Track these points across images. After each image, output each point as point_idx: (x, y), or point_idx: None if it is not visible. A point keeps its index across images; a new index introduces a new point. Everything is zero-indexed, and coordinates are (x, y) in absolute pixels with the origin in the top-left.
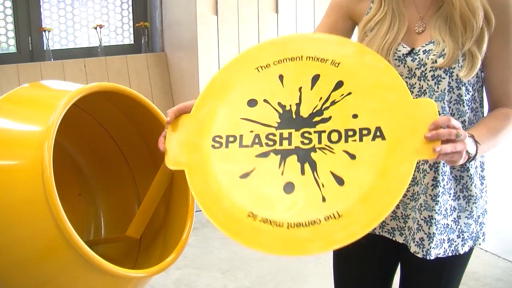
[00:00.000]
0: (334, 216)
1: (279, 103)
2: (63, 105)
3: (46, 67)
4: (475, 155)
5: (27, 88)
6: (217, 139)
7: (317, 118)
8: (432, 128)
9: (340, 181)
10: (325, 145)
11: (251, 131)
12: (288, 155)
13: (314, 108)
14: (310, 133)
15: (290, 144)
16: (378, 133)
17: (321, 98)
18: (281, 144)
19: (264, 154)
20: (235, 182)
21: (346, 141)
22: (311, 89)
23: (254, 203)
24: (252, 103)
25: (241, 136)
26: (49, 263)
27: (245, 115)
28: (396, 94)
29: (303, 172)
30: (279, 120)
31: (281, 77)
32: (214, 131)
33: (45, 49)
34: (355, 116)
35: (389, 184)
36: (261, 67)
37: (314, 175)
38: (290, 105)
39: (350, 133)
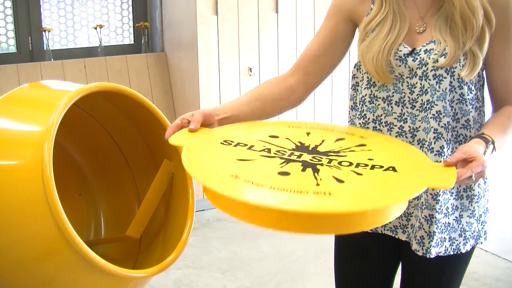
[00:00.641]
0: (324, 193)
1: (299, 141)
2: (63, 105)
3: (46, 67)
4: None
5: (27, 88)
6: (228, 141)
7: (332, 154)
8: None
9: (339, 181)
10: (334, 165)
11: (264, 146)
12: (293, 161)
13: (332, 149)
14: (321, 158)
15: (299, 158)
16: (390, 169)
17: (341, 147)
18: (289, 156)
19: (270, 156)
20: (230, 160)
21: (357, 167)
22: (334, 142)
23: (242, 171)
24: (274, 136)
25: (252, 145)
26: (49, 263)
27: (263, 139)
28: (416, 159)
29: (303, 171)
30: (294, 148)
31: (308, 133)
32: (227, 138)
33: (45, 49)
34: (370, 159)
35: (388, 192)
36: (293, 126)
37: (314, 174)
38: (309, 144)
39: (362, 164)
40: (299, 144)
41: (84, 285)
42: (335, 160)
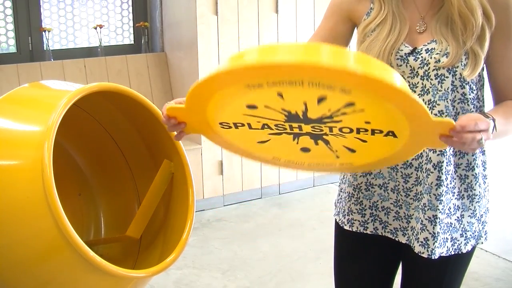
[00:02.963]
0: (347, 164)
1: (282, 109)
2: (63, 105)
3: (46, 67)
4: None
5: (27, 88)
6: (224, 124)
7: (326, 120)
8: (458, 130)
9: (352, 150)
10: (336, 133)
11: (258, 122)
12: (300, 135)
13: (323, 115)
14: (320, 126)
15: (300, 130)
16: (390, 134)
17: (330, 109)
18: (291, 130)
19: (277, 134)
20: (254, 144)
21: (358, 133)
22: (318, 104)
23: (276, 153)
24: (252, 106)
25: (249, 123)
26: (49, 263)
27: (247, 112)
28: (414, 115)
29: (316, 144)
30: (286, 118)
31: (280, 95)
32: (219, 119)
33: (45, 49)
34: (367, 122)
35: (397, 154)
36: (253, 85)
37: (327, 146)
38: (296, 111)
39: (362, 130)
40: (286, 114)
41: (84, 285)
42: (334, 127)
